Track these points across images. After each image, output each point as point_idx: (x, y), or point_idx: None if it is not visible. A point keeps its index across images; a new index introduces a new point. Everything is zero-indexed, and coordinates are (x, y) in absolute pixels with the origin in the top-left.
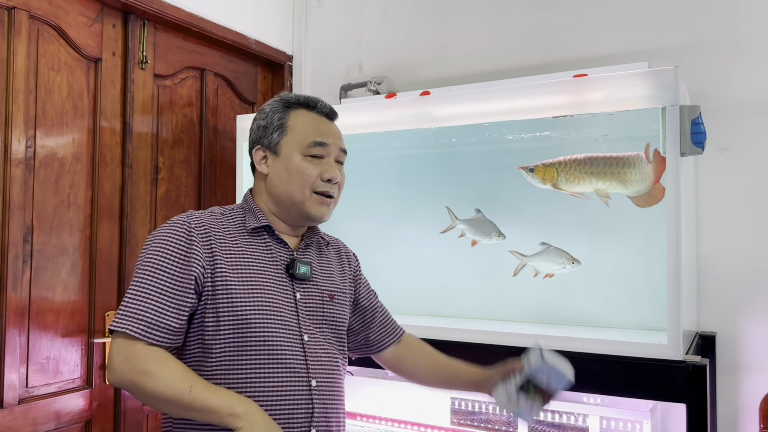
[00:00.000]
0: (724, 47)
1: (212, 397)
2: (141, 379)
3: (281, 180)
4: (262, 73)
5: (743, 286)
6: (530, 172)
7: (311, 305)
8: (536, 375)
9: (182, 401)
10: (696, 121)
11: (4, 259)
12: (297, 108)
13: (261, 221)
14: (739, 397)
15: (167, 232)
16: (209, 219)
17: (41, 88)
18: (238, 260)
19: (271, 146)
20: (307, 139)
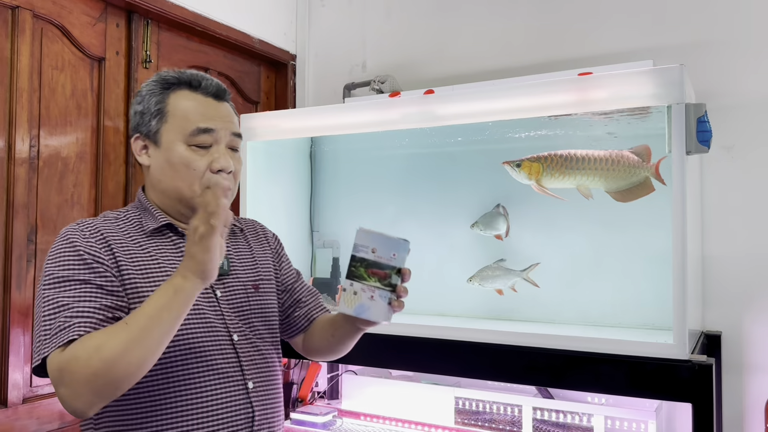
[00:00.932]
0: (730, 45)
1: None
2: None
3: (165, 174)
4: (265, 73)
5: (749, 285)
6: (516, 167)
7: (235, 301)
8: (359, 251)
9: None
10: (702, 119)
11: (7, 258)
12: (178, 89)
13: (160, 221)
14: (744, 396)
15: (59, 249)
16: (103, 224)
17: (45, 87)
18: (145, 264)
19: (150, 135)
20: (190, 126)
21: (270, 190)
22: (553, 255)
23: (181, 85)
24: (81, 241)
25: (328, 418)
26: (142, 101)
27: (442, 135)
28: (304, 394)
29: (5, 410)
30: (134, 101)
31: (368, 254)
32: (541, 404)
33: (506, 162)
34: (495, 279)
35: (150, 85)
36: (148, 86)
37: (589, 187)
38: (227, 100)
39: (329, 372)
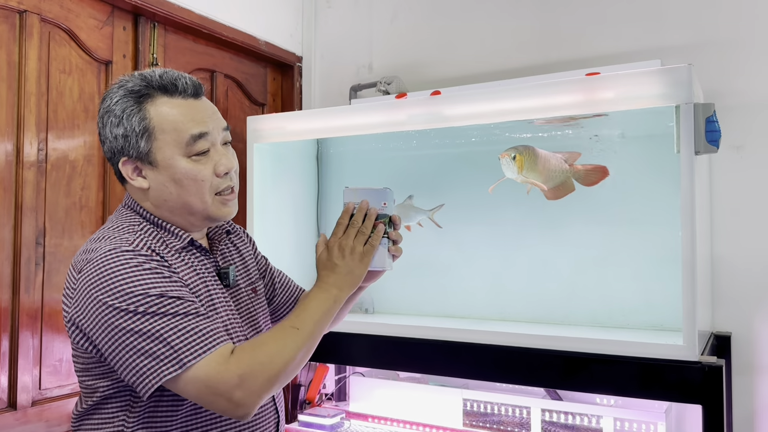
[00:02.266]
0: (738, 44)
1: (313, 312)
2: (268, 373)
3: (170, 193)
4: (271, 75)
5: (758, 286)
6: (513, 159)
7: (244, 309)
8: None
9: (305, 341)
10: (710, 119)
11: (16, 261)
12: (152, 97)
13: (184, 238)
14: (755, 397)
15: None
16: (148, 240)
17: (53, 90)
18: (192, 279)
19: (141, 156)
20: (184, 136)
21: (277, 192)
22: (562, 255)
23: (154, 93)
24: (147, 259)
25: (336, 420)
26: (120, 123)
27: (448, 136)
28: (312, 396)
29: (15, 413)
30: (106, 122)
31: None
32: (549, 406)
33: (504, 154)
34: (408, 215)
35: (122, 102)
36: (121, 104)
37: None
38: (204, 95)
39: (337, 374)
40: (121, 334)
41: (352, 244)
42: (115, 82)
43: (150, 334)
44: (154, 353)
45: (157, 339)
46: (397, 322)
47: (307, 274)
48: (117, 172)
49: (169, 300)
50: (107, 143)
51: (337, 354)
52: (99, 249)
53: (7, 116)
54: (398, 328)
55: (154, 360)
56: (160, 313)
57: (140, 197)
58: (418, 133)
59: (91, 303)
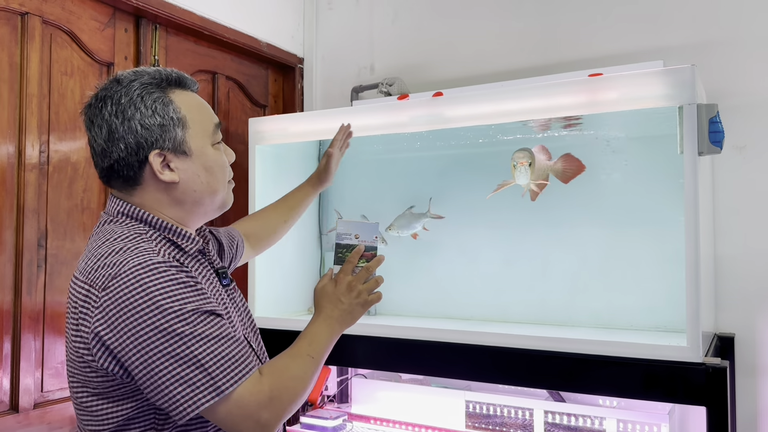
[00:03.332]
0: (741, 44)
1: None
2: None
3: (201, 182)
4: (273, 76)
5: (762, 287)
6: (530, 166)
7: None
8: (343, 239)
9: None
10: (714, 119)
11: (18, 263)
12: (171, 90)
13: (195, 242)
14: (758, 399)
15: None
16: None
17: (54, 92)
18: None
19: (176, 147)
20: (210, 126)
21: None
22: (564, 257)
23: (171, 86)
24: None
25: (338, 422)
26: (154, 113)
27: (450, 137)
28: (314, 398)
29: (17, 415)
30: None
31: (352, 240)
32: (552, 407)
33: (522, 162)
34: (409, 224)
35: (148, 94)
36: (147, 95)
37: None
38: None
39: (339, 376)
40: (158, 357)
41: (361, 288)
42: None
43: (187, 358)
44: (191, 380)
45: (194, 364)
46: (400, 324)
47: (307, 276)
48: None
49: (202, 317)
50: (130, 137)
51: (340, 356)
52: (124, 263)
53: (9, 118)
54: (401, 329)
55: (190, 387)
56: (196, 335)
57: (154, 198)
58: (420, 135)
59: (125, 323)
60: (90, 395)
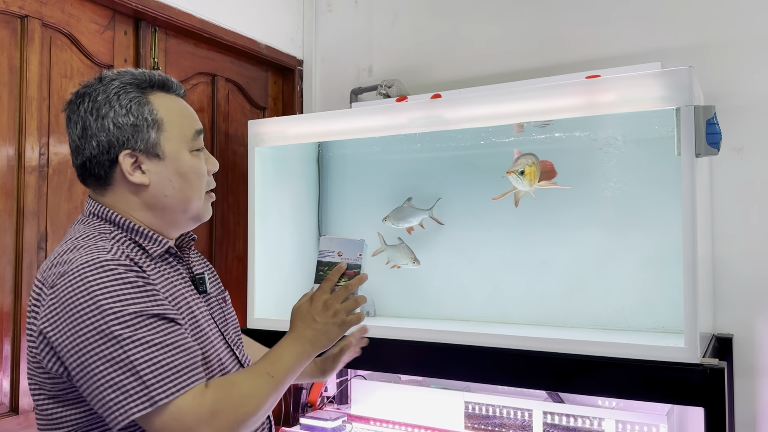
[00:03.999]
0: (739, 46)
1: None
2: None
3: (174, 187)
4: (272, 78)
5: (760, 287)
6: (521, 175)
7: (221, 316)
8: (325, 256)
9: (277, 390)
10: (711, 121)
11: (18, 266)
12: (152, 92)
13: (163, 244)
14: (757, 400)
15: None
16: (120, 248)
17: (54, 95)
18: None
19: (148, 149)
20: (190, 131)
21: (278, 195)
22: (563, 258)
23: (153, 88)
24: (126, 270)
25: (338, 423)
26: (128, 112)
27: (449, 138)
28: (314, 399)
29: (17, 417)
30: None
31: (335, 258)
32: (551, 408)
33: (510, 171)
34: (407, 218)
35: (125, 93)
36: (124, 94)
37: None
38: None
39: (338, 377)
40: (94, 359)
41: (338, 307)
42: (90, 80)
43: (122, 363)
44: (124, 387)
45: (129, 371)
46: (399, 325)
47: (307, 278)
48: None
49: (147, 321)
50: (102, 135)
51: None
52: (73, 261)
53: (9, 121)
54: (399, 331)
55: (124, 394)
56: (135, 339)
57: (124, 200)
58: (419, 136)
59: (66, 321)
60: (46, 398)
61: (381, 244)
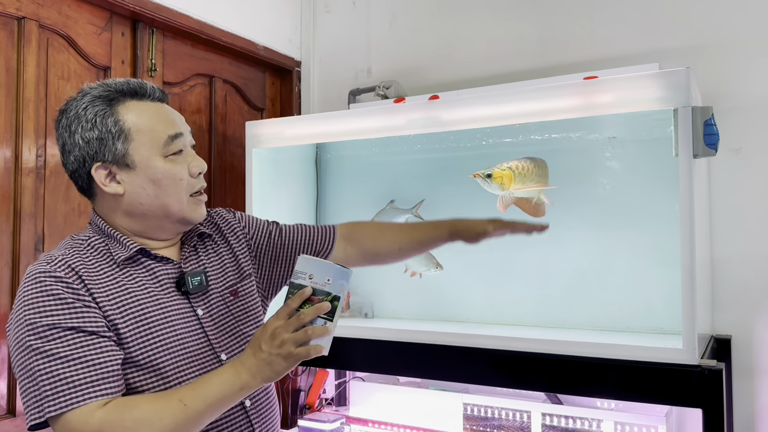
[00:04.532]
0: (737, 46)
1: (211, 392)
2: None
3: (148, 195)
4: (270, 79)
5: (759, 288)
6: (487, 178)
7: (216, 315)
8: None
9: (188, 420)
10: (708, 122)
11: (15, 267)
12: (123, 101)
13: (131, 248)
14: (755, 401)
15: (33, 293)
16: (71, 257)
17: (51, 97)
18: (120, 298)
19: (117, 159)
20: (162, 136)
21: (276, 197)
22: (561, 259)
23: (125, 97)
24: (55, 282)
25: (336, 425)
26: (93, 126)
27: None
28: (312, 401)
29: (14, 419)
30: (75, 128)
31: (305, 280)
32: (550, 410)
33: (476, 174)
34: (390, 219)
35: (92, 107)
36: (91, 108)
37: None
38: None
39: (336, 378)
40: (16, 365)
41: (286, 337)
42: (72, 95)
43: (30, 372)
44: (29, 394)
45: (33, 380)
46: (397, 327)
47: None
48: (84, 183)
49: (59, 333)
50: (76, 151)
51: (337, 359)
52: (28, 272)
53: (6, 123)
54: (398, 332)
55: (28, 401)
56: (42, 350)
57: (108, 207)
58: (418, 137)
59: (7, 328)
60: None
61: None
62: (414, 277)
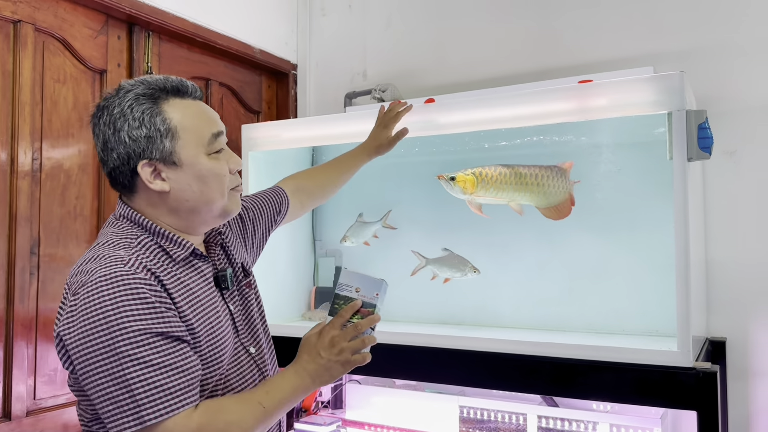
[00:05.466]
0: (730, 50)
1: (282, 395)
2: None
3: (194, 191)
4: (266, 82)
5: (753, 291)
6: (451, 181)
7: (242, 309)
8: (343, 289)
9: (266, 420)
10: (703, 125)
11: (11, 271)
12: (166, 99)
13: (187, 247)
14: (750, 403)
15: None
16: (144, 259)
17: (47, 100)
18: (190, 299)
19: (164, 157)
20: (206, 135)
21: None
22: (557, 262)
23: (167, 95)
24: (141, 284)
25: (333, 428)
26: (141, 125)
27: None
28: (308, 404)
29: (9, 423)
30: (120, 126)
31: (352, 293)
32: (545, 412)
33: (440, 176)
34: (361, 233)
35: (138, 105)
36: (137, 106)
37: (520, 203)
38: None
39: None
40: (97, 371)
41: (344, 346)
42: (109, 92)
43: (120, 380)
44: (119, 402)
45: (125, 387)
46: (394, 330)
47: (301, 283)
48: (126, 179)
49: (150, 339)
50: (121, 148)
51: None
52: (94, 272)
53: (2, 126)
54: (394, 335)
55: (117, 409)
56: (135, 357)
57: (150, 204)
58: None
59: (79, 330)
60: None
61: (420, 260)
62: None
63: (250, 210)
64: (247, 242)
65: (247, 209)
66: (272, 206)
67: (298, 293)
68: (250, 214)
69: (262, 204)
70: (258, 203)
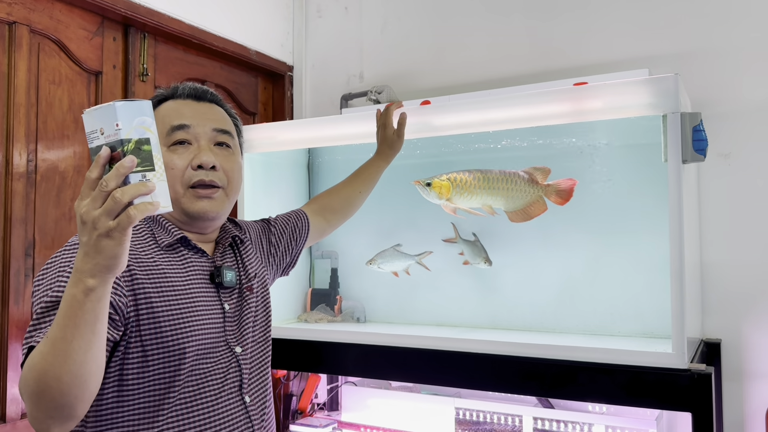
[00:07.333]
0: (725, 53)
1: (59, 316)
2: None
3: None
4: (262, 84)
5: (748, 293)
6: (426, 186)
7: (238, 311)
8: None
9: (56, 351)
10: (697, 128)
11: (5, 273)
12: (162, 103)
13: (175, 234)
14: (745, 404)
15: (63, 258)
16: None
17: (42, 101)
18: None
19: None
20: (166, 127)
21: (268, 201)
22: (552, 264)
23: (163, 99)
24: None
25: (328, 430)
26: None
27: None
28: (304, 405)
29: (4, 425)
30: None
31: (99, 139)
32: (541, 414)
33: (416, 181)
34: (392, 262)
35: None
36: None
37: (492, 206)
38: (211, 100)
39: (329, 383)
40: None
41: (95, 214)
42: None
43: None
44: None
45: None
46: (389, 332)
47: (296, 284)
48: None
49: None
50: None
51: (329, 364)
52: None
53: None
54: (390, 337)
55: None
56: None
57: None
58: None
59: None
60: None
61: (455, 235)
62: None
63: (274, 232)
64: (270, 260)
65: (271, 230)
66: (291, 227)
67: (294, 295)
68: (274, 237)
69: (284, 225)
70: (280, 224)
